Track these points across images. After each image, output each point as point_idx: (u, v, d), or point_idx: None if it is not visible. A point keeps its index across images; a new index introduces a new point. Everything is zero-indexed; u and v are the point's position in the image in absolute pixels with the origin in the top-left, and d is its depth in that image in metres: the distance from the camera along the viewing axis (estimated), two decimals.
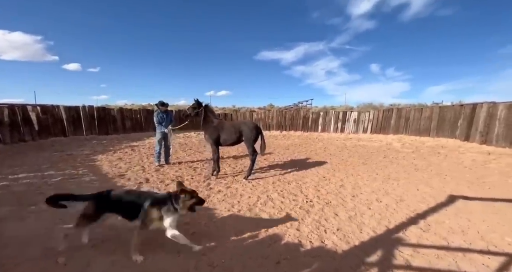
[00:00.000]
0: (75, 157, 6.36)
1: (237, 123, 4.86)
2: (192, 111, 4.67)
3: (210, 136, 4.59)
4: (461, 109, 9.01)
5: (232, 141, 4.66)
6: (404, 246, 2.18)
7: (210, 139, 4.60)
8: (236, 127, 4.68)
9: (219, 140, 4.64)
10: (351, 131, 13.82)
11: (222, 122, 4.78)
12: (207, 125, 4.63)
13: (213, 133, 4.58)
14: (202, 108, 4.62)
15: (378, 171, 5.27)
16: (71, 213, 2.77)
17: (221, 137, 4.61)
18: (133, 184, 4.12)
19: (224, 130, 4.62)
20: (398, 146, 9.14)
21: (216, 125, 4.63)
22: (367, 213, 3.02)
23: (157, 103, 5.68)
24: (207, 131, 4.63)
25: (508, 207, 3.12)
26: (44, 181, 4.08)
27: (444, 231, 2.45)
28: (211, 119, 4.68)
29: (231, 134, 4.60)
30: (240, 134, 4.63)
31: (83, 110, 10.54)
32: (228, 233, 2.52)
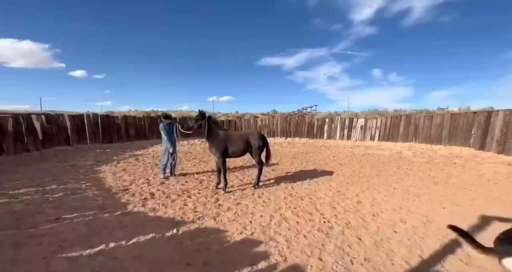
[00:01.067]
0: (78, 168, 6.19)
1: (244, 134, 4.84)
2: (194, 123, 4.47)
3: (217, 148, 4.41)
4: (475, 117, 8.70)
5: (240, 152, 4.59)
6: None
7: (218, 152, 4.41)
8: (243, 138, 4.62)
9: (227, 152, 4.49)
10: (358, 138, 13.53)
11: (228, 134, 4.65)
12: (213, 137, 4.45)
13: (219, 145, 4.41)
14: (205, 120, 4.43)
15: (394, 184, 4.98)
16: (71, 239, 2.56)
17: (229, 149, 4.48)
18: (138, 200, 3.90)
19: (232, 142, 4.51)
20: (410, 154, 8.82)
21: (223, 137, 4.48)
22: (394, 237, 2.74)
23: (160, 115, 5.58)
24: (213, 143, 4.45)
25: None
26: (45, 197, 3.89)
27: (489, 265, 2.17)
28: (216, 131, 4.50)
29: (239, 145, 4.53)
30: (248, 145, 4.60)
31: (88, 118, 10.46)
32: (243, 262, 2.27)
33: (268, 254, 2.41)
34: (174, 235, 2.75)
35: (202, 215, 3.34)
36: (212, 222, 3.13)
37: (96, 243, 2.46)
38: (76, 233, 2.67)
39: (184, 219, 3.19)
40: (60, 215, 3.15)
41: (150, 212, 3.40)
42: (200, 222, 3.11)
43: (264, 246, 2.57)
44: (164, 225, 2.99)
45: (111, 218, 3.15)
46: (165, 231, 2.83)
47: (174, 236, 2.73)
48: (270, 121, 16.77)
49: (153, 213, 3.38)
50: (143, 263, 2.19)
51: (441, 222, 3.13)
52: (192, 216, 3.29)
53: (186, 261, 2.26)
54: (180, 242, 2.59)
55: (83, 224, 2.91)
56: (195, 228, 2.96)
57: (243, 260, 2.30)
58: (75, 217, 3.12)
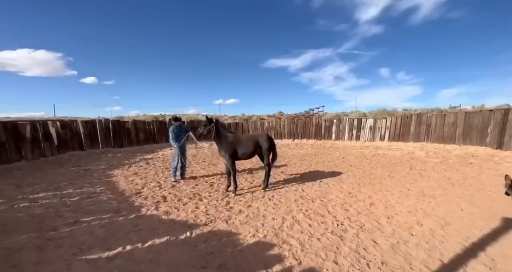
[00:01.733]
0: (92, 172, 6.36)
1: (253, 136, 4.86)
2: (204, 129, 4.52)
3: (226, 151, 4.44)
4: (491, 115, 8.39)
5: (249, 154, 4.64)
6: None
7: (227, 155, 4.44)
8: (252, 140, 4.66)
9: (237, 155, 4.53)
10: (367, 139, 13.29)
11: (237, 136, 4.70)
12: (221, 140, 4.49)
13: (229, 148, 4.44)
14: (213, 124, 4.47)
15: (408, 185, 4.86)
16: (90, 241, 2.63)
17: (239, 151, 4.51)
18: (151, 203, 3.97)
19: (241, 144, 4.55)
20: (422, 155, 8.59)
21: (232, 140, 4.52)
22: (411, 240, 2.67)
23: (171, 118, 5.69)
24: (222, 146, 4.49)
25: None
26: (62, 201, 4.02)
27: None
28: (224, 134, 4.54)
29: (249, 147, 4.58)
30: (257, 146, 4.65)
31: (99, 124, 10.76)
32: (258, 265, 2.27)
33: (283, 257, 2.40)
34: (188, 238, 2.78)
35: (214, 218, 3.37)
36: (225, 225, 3.15)
37: (113, 246, 2.52)
38: (94, 236, 2.74)
39: (197, 222, 3.22)
40: (78, 218, 3.25)
41: (163, 215, 3.45)
42: (213, 225, 3.13)
43: (277, 249, 2.56)
44: (177, 228, 3.03)
45: (126, 221, 3.22)
46: (179, 234, 2.86)
47: (188, 239, 2.76)
48: (277, 122, 16.74)
49: (166, 216, 3.43)
50: (159, 266, 2.22)
51: (460, 224, 3.03)
52: (204, 219, 3.32)
53: (201, 264, 2.28)
54: (194, 245, 2.61)
55: (100, 227, 2.99)
56: (208, 231, 2.98)
57: (257, 263, 2.30)
58: (92, 220, 3.21)
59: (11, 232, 2.84)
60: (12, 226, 3.01)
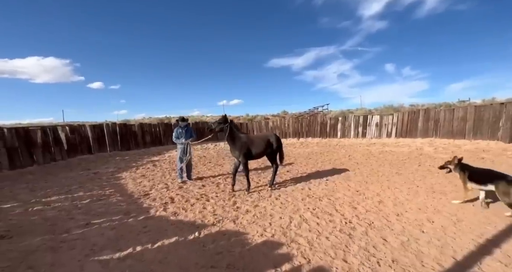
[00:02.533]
0: (101, 175, 6.49)
1: (264, 136, 4.99)
2: (217, 126, 4.57)
3: (240, 151, 4.52)
4: (502, 108, 8.16)
5: (262, 153, 4.75)
6: None
7: (241, 154, 4.52)
8: (264, 140, 4.81)
9: (251, 154, 4.63)
10: (373, 136, 13.12)
11: (249, 137, 4.84)
12: (235, 141, 4.57)
13: (243, 148, 4.53)
14: (227, 124, 4.54)
15: (417, 182, 4.77)
16: (101, 243, 2.69)
17: (253, 151, 4.62)
18: (159, 204, 4.02)
19: (254, 144, 4.67)
20: (431, 150, 8.42)
21: (245, 140, 4.62)
22: (422, 238, 2.62)
23: (178, 118, 5.76)
24: (236, 146, 4.56)
25: None
26: (74, 204, 4.11)
27: None
28: (238, 135, 4.62)
29: (262, 147, 4.70)
30: (268, 146, 4.79)
31: (107, 128, 10.97)
32: (266, 264, 2.27)
33: (291, 256, 2.39)
34: (196, 238, 2.80)
35: (221, 218, 3.38)
36: (232, 225, 3.16)
37: (124, 247, 2.56)
38: (105, 237, 2.80)
39: (205, 222, 3.24)
40: (89, 220, 3.32)
41: (172, 216, 3.49)
42: (221, 225, 3.15)
43: (286, 248, 2.55)
44: (186, 229, 3.06)
45: (136, 222, 3.27)
46: (187, 234, 2.89)
47: (196, 239, 2.78)
48: (282, 122, 16.70)
49: (175, 217, 3.47)
50: (169, 266, 2.25)
51: (472, 221, 2.96)
52: (212, 219, 3.34)
53: (210, 263, 2.29)
54: (203, 245, 2.64)
55: (111, 229, 3.05)
56: (216, 231, 3.00)
57: (266, 262, 2.30)
58: (103, 222, 3.27)
59: (26, 234, 2.92)
60: (27, 229, 3.10)
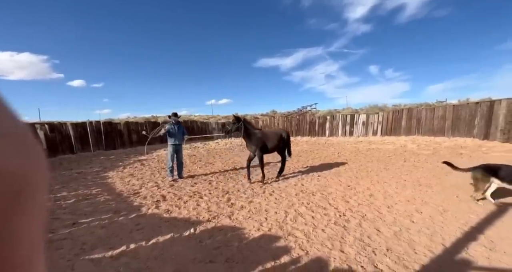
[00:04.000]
0: (85, 175, 6.17)
1: (277, 131, 5.38)
2: (232, 127, 4.80)
3: (257, 146, 4.81)
4: (477, 107, 8.74)
5: (275, 147, 5.12)
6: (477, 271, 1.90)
7: (257, 149, 4.81)
8: (278, 135, 5.20)
9: (267, 148, 4.96)
10: (360, 134, 13.56)
11: (264, 132, 5.11)
12: (251, 136, 4.85)
13: (259, 142, 4.83)
14: (241, 122, 4.78)
15: (404, 176, 4.99)
16: (91, 242, 2.55)
17: (268, 145, 4.95)
18: (151, 202, 3.89)
19: (269, 139, 4.99)
20: (414, 147, 8.84)
21: (261, 136, 4.91)
22: (413, 227, 2.74)
23: (171, 114, 5.55)
24: (252, 142, 4.84)
25: None
26: (58, 204, 3.87)
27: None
28: (253, 131, 4.88)
29: (276, 141, 5.07)
30: (281, 141, 5.18)
31: (90, 126, 10.46)
32: (265, 257, 2.27)
33: (289, 249, 2.40)
34: (192, 234, 2.74)
35: (217, 214, 3.34)
36: (228, 221, 3.13)
37: (116, 245, 2.45)
38: (95, 236, 2.66)
39: (200, 219, 3.18)
40: (76, 220, 3.15)
41: (165, 214, 3.39)
42: (216, 221, 3.11)
43: (283, 241, 2.56)
44: (180, 225, 2.98)
45: (127, 220, 3.14)
46: (183, 231, 2.82)
47: (192, 235, 2.72)
48: (271, 121, 16.80)
49: (168, 215, 3.37)
50: (166, 262, 2.18)
51: (457, 210, 3.14)
52: (207, 215, 3.29)
53: (208, 258, 2.25)
54: (200, 241, 2.58)
55: (101, 228, 2.91)
56: (212, 227, 2.95)
57: (265, 255, 2.30)
58: (92, 221, 3.11)
59: None
60: None
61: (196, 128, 15.15)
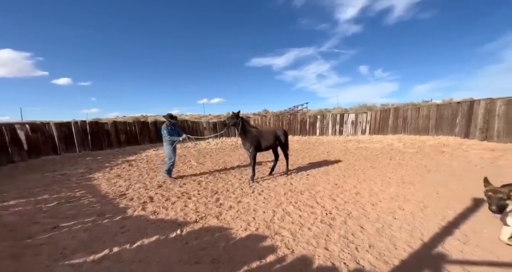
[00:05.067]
0: (70, 176, 5.97)
1: (273, 130, 5.49)
2: (231, 121, 4.90)
3: (251, 143, 4.91)
4: (458, 107, 9.11)
5: (271, 146, 5.24)
6: (451, 264, 1.99)
7: (252, 146, 4.91)
8: (273, 134, 5.30)
9: (261, 147, 5.06)
10: (349, 133, 13.83)
11: (259, 131, 5.21)
12: (247, 134, 4.93)
13: (254, 141, 4.93)
14: (240, 119, 4.88)
15: (389, 174, 5.14)
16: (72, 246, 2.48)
17: (262, 144, 5.06)
18: (137, 204, 3.82)
19: (264, 137, 5.10)
20: (400, 146, 9.12)
21: (256, 134, 5.01)
22: (395, 224, 2.84)
23: (165, 115, 5.50)
24: (248, 139, 4.93)
25: None
26: (38, 207, 3.73)
27: (486, 243, 2.28)
28: (249, 129, 4.99)
29: (271, 140, 5.18)
30: (276, 139, 5.29)
31: (75, 126, 10.12)
32: (251, 257, 2.28)
33: (275, 248, 2.43)
34: (178, 236, 2.72)
35: (204, 215, 3.32)
36: (216, 221, 3.12)
37: (99, 249, 2.39)
38: (77, 240, 2.58)
39: (187, 220, 3.16)
40: (57, 223, 3.04)
41: (151, 215, 3.34)
42: (204, 222, 3.09)
43: (270, 241, 2.59)
44: (167, 227, 2.95)
45: (112, 223, 3.07)
46: (169, 232, 2.79)
47: (178, 237, 2.70)
48: (263, 120, 16.85)
49: (155, 216, 3.32)
50: (151, 265, 2.16)
51: (436, 206, 3.27)
52: (194, 216, 3.26)
53: (194, 259, 2.24)
54: (186, 242, 2.57)
55: (83, 231, 2.83)
56: (199, 227, 2.94)
57: (251, 254, 2.31)
58: (74, 224, 3.02)
59: None
60: None
61: (187, 127, 14.94)
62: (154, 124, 14.00)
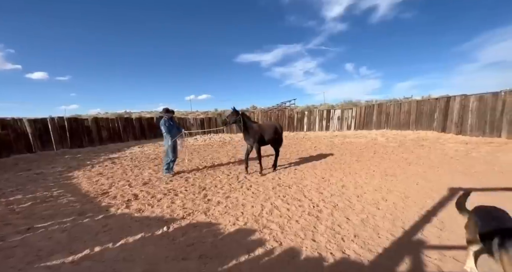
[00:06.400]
0: (46, 175, 5.62)
1: (272, 124, 5.61)
2: (231, 119, 4.91)
3: (254, 138, 4.98)
4: (436, 103, 9.60)
5: (271, 140, 5.32)
6: (429, 250, 2.10)
7: (255, 141, 4.98)
8: (273, 128, 5.42)
9: (264, 141, 5.16)
10: (336, 129, 14.16)
11: (261, 125, 5.28)
12: (249, 129, 4.99)
13: (256, 135, 5.00)
14: (239, 115, 4.89)
15: (373, 167, 5.33)
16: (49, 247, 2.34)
17: (265, 137, 5.16)
18: (121, 202, 3.67)
19: (266, 132, 5.19)
20: (383, 140, 9.47)
21: (258, 129, 5.07)
22: (378, 214, 2.95)
23: (162, 110, 5.36)
24: (250, 134, 4.99)
25: (507, 197, 3.25)
26: (10, 208, 3.47)
27: (460, 228, 2.42)
28: (251, 124, 5.04)
29: (272, 134, 5.29)
30: (276, 133, 5.43)
31: (52, 122, 9.51)
32: (240, 251, 2.28)
33: (264, 241, 2.44)
34: (165, 233, 2.65)
35: (192, 211, 3.26)
36: (203, 217, 3.07)
37: (79, 249, 2.27)
38: (54, 241, 2.44)
39: (174, 217, 3.08)
40: (31, 224, 2.85)
41: (136, 213, 3.23)
42: (191, 218, 3.04)
43: (258, 234, 2.59)
44: (153, 224, 2.86)
45: (93, 222, 2.93)
46: (155, 230, 2.71)
47: (165, 234, 2.63)
48: (251, 117, 16.78)
49: (139, 214, 3.21)
50: (135, 263, 2.08)
51: (416, 196, 3.44)
52: (182, 213, 3.19)
53: (181, 256, 2.20)
54: (172, 239, 2.51)
55: (61, 232, 2.67)
56: (186, 224, 2.88)
57: (239, 249, 2.30)
58: (50, 225, 2.84)
59: None
60: None
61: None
62: (139, 120, 13.52)
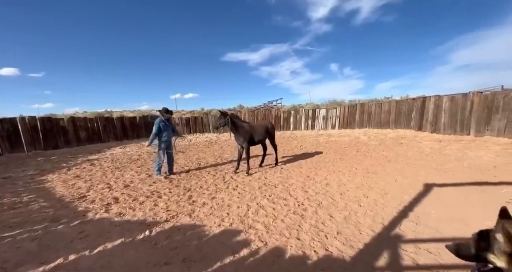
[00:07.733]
0: (15, 180, 5.21)
1: (263, 124, 5.66)
2: (221, 122, 4.92)
3: (244, 138, 5.02)
4: (414, 102, 10.13)
5: (263, 139, 5.43)
6: (405, 243, 2.21)
7: (245, 141, 5.03)
8: (263, 127, 5.50)
9: (254, 140, 5.20)
10: (321, 128, 14.50)
11: (251, 125, 5.32)
12: (239, 129, 5.00)
13: (246, 135, 5.04)
14: (227, 117, 4.91)
15: (355, 165, 5.51)
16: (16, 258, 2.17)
17: (255, 137, 5.21)
18: (99, 206, 3.49)
19: (256, 131, 5.24)
20: (366, 139, 9.84)
21: (248, 128, 5.11)
22: (360, 211, 3.05)
23: (161, 109, 5.16)
24: (240, 134, 5.02)
25: (474, 190, 3.50)
26: None
27: (433, 222, 2.59)
28: (240, 124, 5.04)
29: (262, 133, 5.37)
30: (267, 132, 5.52)
31: (22, 122, 8.83)
32: (225, 253, 2.25)
33: (249, 242, 2.43)
34: (147, 237, 2.56)
35: (176, 213, 3.18)
36: (188, 219, 3.01)
37: (51, 258, 2.13)
38: (22, 251, 2.26)
39: (157, 220, 2.99)
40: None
41: (116, 217, 3.09)
42: (175, 221, 2.96)
43: (244, 235, 2.58)
44: (134, 228, 2.75)
45: (68, 229, 2.76)
46: (136, 234, 2.61)
47: (147, 238, 2.54)
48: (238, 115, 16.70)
49: (120, 218, 3.07)
50: (114, 270, 1.99)
51: (395, 193, 3.60)
52: (165, 215, 3.10)
53: (163, 260, 2.13)
54: (155, 243, 2.43)
55: (31, 240, 2.48)
56: (169, 227, 2.80)
57: (224, 250, 2.28)
58: (19, 233, 2.63)
59: None
60: None
61: None
62: (120, 120, 12.95)
